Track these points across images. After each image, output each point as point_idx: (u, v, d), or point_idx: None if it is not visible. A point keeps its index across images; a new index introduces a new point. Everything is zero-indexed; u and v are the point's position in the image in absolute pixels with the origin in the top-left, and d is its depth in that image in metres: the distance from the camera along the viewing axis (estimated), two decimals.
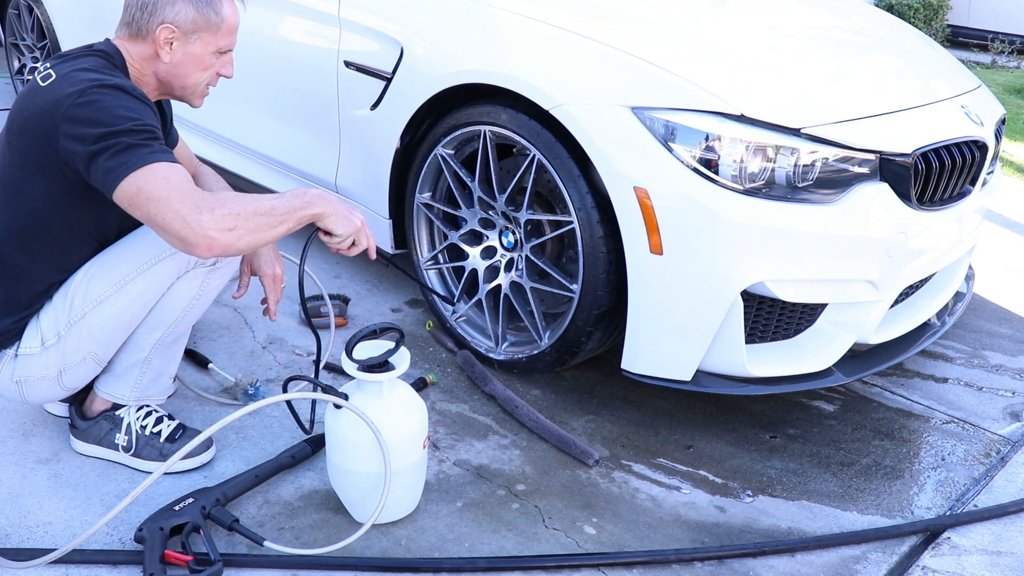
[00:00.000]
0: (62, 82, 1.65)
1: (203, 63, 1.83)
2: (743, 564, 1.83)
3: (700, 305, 1.99)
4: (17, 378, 1.81)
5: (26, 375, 1.81)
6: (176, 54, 1.79)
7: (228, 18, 1.82)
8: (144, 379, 1.94)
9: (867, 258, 2.04)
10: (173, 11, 1.76)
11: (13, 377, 1.81)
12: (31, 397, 1.87)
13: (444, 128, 2.36)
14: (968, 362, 2.72)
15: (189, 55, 1.80)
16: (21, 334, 1.79)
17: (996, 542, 1.93)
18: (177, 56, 1.80)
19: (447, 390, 2.37)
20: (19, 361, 1.79)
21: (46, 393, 1.87)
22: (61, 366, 1.81)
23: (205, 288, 1.88)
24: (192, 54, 1.80)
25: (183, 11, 1.76)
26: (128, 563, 1.69)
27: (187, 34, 1.78)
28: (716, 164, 1.94)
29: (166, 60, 1.79)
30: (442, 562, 1.75)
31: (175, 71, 1.81)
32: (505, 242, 2.38)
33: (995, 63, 8.01)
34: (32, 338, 1.78)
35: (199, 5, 1.77)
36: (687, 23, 2.36)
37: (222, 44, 1.83)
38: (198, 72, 1.83)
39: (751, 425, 2.32)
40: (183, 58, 1.80)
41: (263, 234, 1.62)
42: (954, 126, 2.24)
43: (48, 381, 1.83)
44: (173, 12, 1.76)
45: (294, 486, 1.95)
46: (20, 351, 1.79)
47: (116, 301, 1.78)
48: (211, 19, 1.79)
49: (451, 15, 2.38)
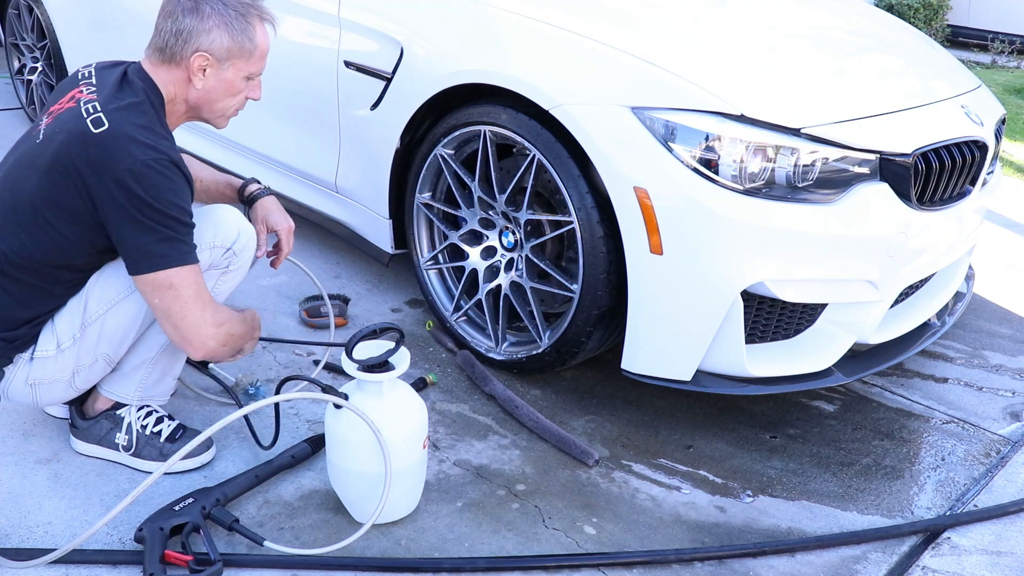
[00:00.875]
0: (118, 139, 1.64)
1: (234, 88, 1.84)
2: (743, 564, 1.83)
3: (700, 305, 1.99)
4: (32, 381, 1.81)
5: (40, 378, 1.81)
6: (209, 80, 1.80)
7: (261, 44, 1.84)
8: (149, 379, 1.94)
9: (867, 258, 2.04)
10: (208, 39, 1.76)
11: (28, 380, 1.81)
12: (43, 399, 1.87)
13: (444, 128, 2.36)
14: (968, 362, 2.72)
15: (221, 81, 1.82)
16: (36, 338, 1.79)
17: (996, 542, 1.93)
18: (210, 83, 1.81)
19: (447, 390, 2.37)
20: (34, 364, 1.79)
21: (58, 395, 1.88)
22: (75, 368, 1.82)
23: (216, 291, 1.89)
24: (224, 80, 1.82)
25: (218, 39, 1.76)
26: (128, 563, 1.69)
27: (221, 61, 1.79)
28: (716, 164, 1.94)
29: (198, 86, 1.80)
30: (442, 562, 1.75)
31: (206, 96, 1.83)
32: (505, 242, 2.38)
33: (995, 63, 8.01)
34: (48, 341, 1.78)
35: (234, 33, 1.78)
36: (687, 23, 2.36)
37: (253, 70, 1.85)
38: (228, 97, 1.85)
39: (751, 425, 2.32)
40: (215, 84, 1.81)
41: (231, 354, 1.88)
42: (954, 126, 2.24)
43: (61, 383, 1.84)
44: (208, 40, 1.76)
45: (294, 486, 1.95)
46: (36, 354, 1.79)
47: (130, 303, 1.79)
48: (245, 46, 1.80)
49: (451, 15, 2.38)
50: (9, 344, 1.76)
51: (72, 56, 3.77)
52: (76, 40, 3.73)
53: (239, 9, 1.78)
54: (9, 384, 1.81)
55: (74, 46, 3.75)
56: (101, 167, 1.63)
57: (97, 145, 1.63)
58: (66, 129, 1.68)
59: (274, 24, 1.88)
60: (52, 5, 3.78)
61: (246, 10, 1.79)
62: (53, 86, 3.97)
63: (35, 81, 4.09)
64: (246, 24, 1.79)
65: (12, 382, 1.80)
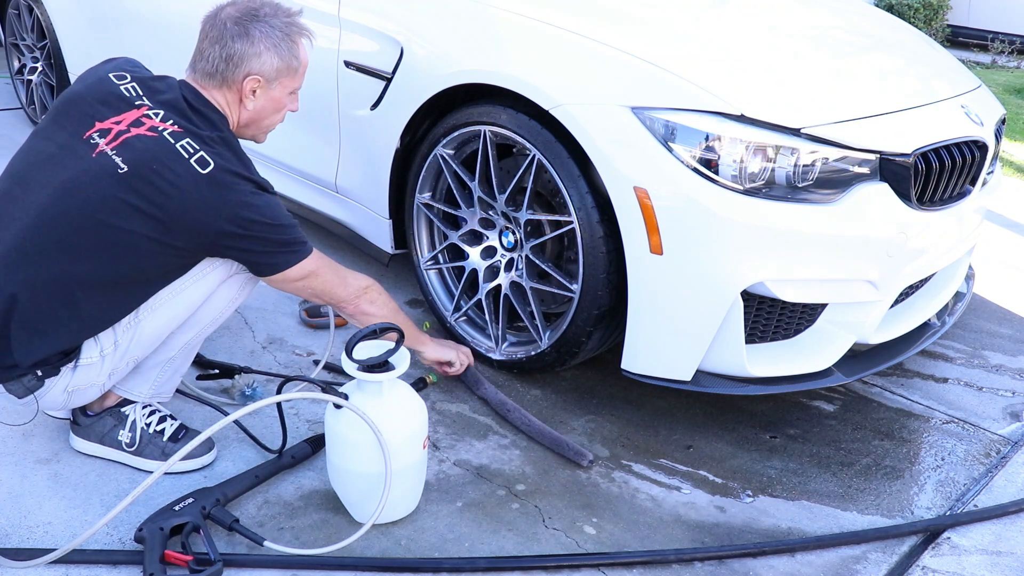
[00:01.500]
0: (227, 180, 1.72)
1: (280, 104, 1.91)
2: (743, 564, 1.83)
3: (700, 305, 1.99)
4: (71, 388, 1.81)
5: (79, 384, 1.81)
6: (259, 100, 1.86)
7: (304, 61, 1.91)
8: (163, 377, 1.96)
9: (867, 258, 2.04)
10: (260, 62, 1.81)
11: (67, 388, 1.80)
12: (73, 404, 1.88)
13: (444, 128, 2.36)
14: (968, 362, 2.72)
15: (270, 100, 1.88)
16: (81, 347, 1.78)
17: (996, 542, 1.93)
18: (259, 103, 1.87)
19: (447, 390, 2.37)
20: (78, 372, 1.79)
21: (87, 399, 1.89)
22: (111, 372, 1.84)
23: (243, 292, 1.93)
24: (272, 98, 1.88)
25: (268, 61, 1.82)
26: (128, 563, 1.69)
27: (270, 81, 1.84)
28: (716, 164, 1.94)
29: (249, 108, 1.86)
30: (442, 562, 1.75)
31: (257, 116, 1.89)
32: (505, 242, 2.38)
33: (995, 63, 8.01)
34: (91, 349, 1.78)
35: (282, 54, 1.83)
36: (687, 23, 2.36)
37: (297, 85, 1.93)
38: (275, 114, 1.92)
39: (751, 425, 2.32)
40: (264, 103, 1.87)
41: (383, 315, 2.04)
42: (954, 126, 2.24)
43: (95, 388, 1.85)
44: (260, 63, 1.81)
45: (294, 486, 1.95)
46: (80, 362, 1.79)
47: (170, 308, 1.82)
48: (292, 64, 1.86)
49: (451, 15, 2.38)
50: (64, 356, 1.76)
51: (72, 56, 3.76)
52: (76, 40, 3.73)
53: (284, 29, 1.84)
54: (47, 392, 1.79)
55: (74, 46, 3.75)
56: (217, 206, 1.70)
57: (209, 186, 1.69)
58: (167, 167, 1.69)
59: (311, 38, 1.93)
60: (52, 5, 3.78)
61: (289, 29, 1.85)
62: (53, 86, 3.97)
63: (35, 81, 4.09)
64: (292, 44, 1.85)
65: (51, 390, 1.79)
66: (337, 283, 1.94)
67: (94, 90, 1.80)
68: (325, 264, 1.92)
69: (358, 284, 1.99)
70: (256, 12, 1.82)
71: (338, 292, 1.95)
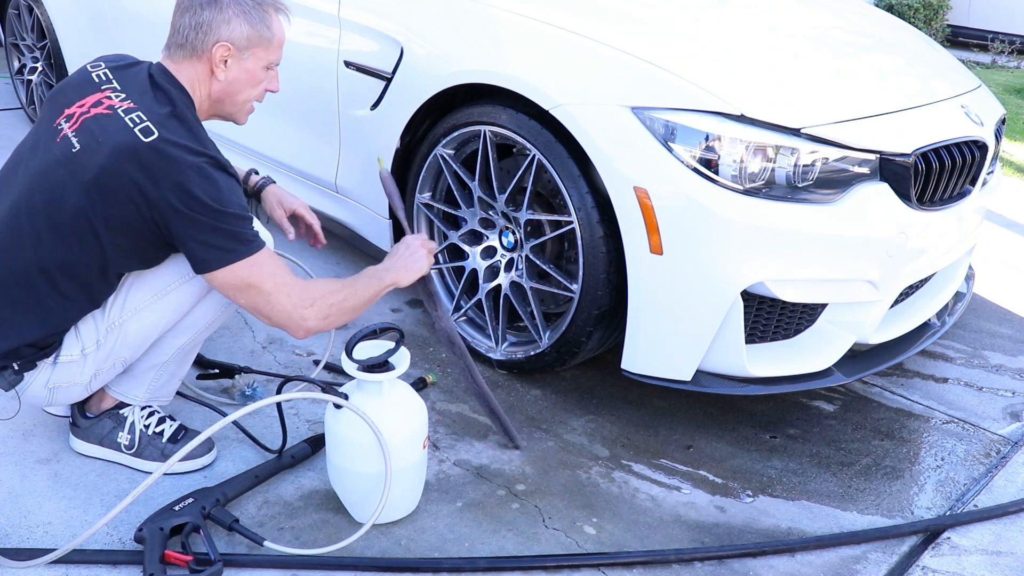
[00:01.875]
0: (170, 151, 1.64)
1: (255, 78, 1.86)
2: (743, 564, 1.83)
3: (700, 305, 1.99)
4: (51, 384, 1.81)
5: (60, 381, 1.81)
6: (231, 71, 1.81)
7: (278, 33, 1.86)
8: (159, 381, 1.95)
9: (867, 258, 2.04)
10: (228, 29, 1.77)
11: (48, 384, 1.80)
12: (57, 400, 1.88)
13: (444, 128, 2.36)
14: (968, 362, 2.72)
15: (243, 71, 1.83)
16: (61, 343, 1.78)
17: (996, 542, 1.93)
18: (232, 73, 1.82)
19: (447, 390, 2.37)
20: (57, 368, 1.79)
21: (73, 397, 1.88)
22: (95, 371, 1.83)
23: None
24: (246, 70, 1.83)
25: (238, 28, 1.78)
26: (128, 563, 1.69)
27: (242, 50, 1.80)
28: (716, 164, 1.94)
29: (221, 78, 1.81)
30: (442, 562, 1.75)
31: (229, 88, 1.84)
32: (505, 242, 2.38)
33: (995, 63, 8.01)
34: (72, 346, 1.78)
35: (253, 21, 1.79)
36: (687, 23, 2.36)
37: (272, 59, 1.87)
38: (249, 88, 1.87)
39: (751, 425, 2.32)
40: (237, 75, 1.83)
41: (347, 316, 1.85)
42: (954, 126, 2.24)
43: (79, 386, 1.84)
44: (228, 30, 1.78)
45: (294, 486, 1.95)
46: (60, 359, 1.78)
47: (154, 310, 1.80)
48: (264, 34, 1.82)
49: (451, 15, 2.38)
50: (39, 351, 1.76)
51: (72, 56, 3.76)
52: (76, 40, 3.73)
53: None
54: (28, 386, 1.80)
55: (74, 46, 3.75)
56: (158, 176, 1.64)
57: (151, 153, 1.64)
58: (112, 142, 1.66)
59: (287, 15, 1.90)
60: (52, 5, 3.78)
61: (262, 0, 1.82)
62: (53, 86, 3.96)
63: (35, 81, 4.09)
64: (263, 12, 1.81)
65: (31, 385, 1.79)
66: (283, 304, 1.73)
67: (72, 80, 1.83)
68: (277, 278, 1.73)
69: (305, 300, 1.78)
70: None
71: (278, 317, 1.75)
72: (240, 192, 1.75)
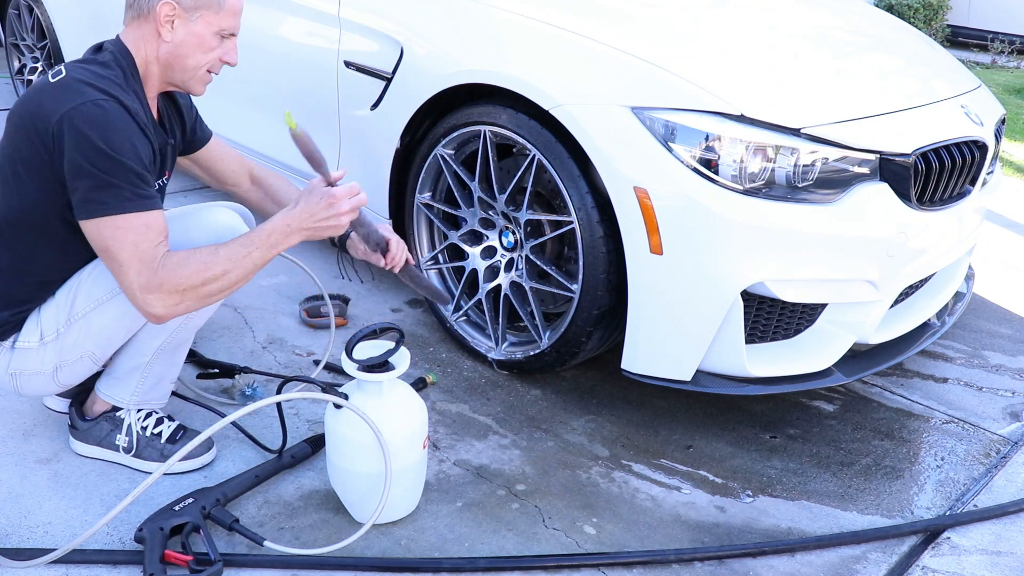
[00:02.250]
0: (73, 84, 1.63)
1: (205, 44, 1.79)
2: (743, 564, 1.83)
3: (700, 305, 1.99)
4: (12, 370, 1.81)
5: (21, 368, 1.80)
6: (178, 33, 1.76)
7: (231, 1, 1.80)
8: (145, 384, 1.94)
9: (867, 258, 2.04)
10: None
11: (8, 369, 1.80)
12: (25, 390, 1.86)
13: (444, 128, 2.36)
14: (968, 362, 2.72)
15: (191, 34, 1.77)
16: (20, 326, 1.78)
17: (996, 542, 1.93)
18: (179, 35, 1.77)
19: (447, 390, 2.37)
20: (15, 353, 1.79)
21: (40, 388, 1.87)
22: (57, 362, 1.81)
23: None
24: (194, 33, 1.77)
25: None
26: (128, 563, 1.69)
27: (188, 11, 1.75)
28: (716, 164, 1.94)
29: (167, 39, 1.76)
30: (442, 562, 1.75)
31: (176, 51, 1.78)
32: (505, 242, 2.38)
33: (995, 63, 8.01)
34: (31, 332, 1.78)
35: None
36: (687, 23, 2.36)
37: (224, 25, 1.80)
38: (199, 54, 1.80)
39: (751, 425, 2.32)
40: (185, 37, 1.77)
41: (217, 297, 1.70)
42: (954, 126, 2.24)
43: (43, 376, 1.82)
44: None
45: (294, 486, 1.95)
46: (18, 344, 1.78)
47: (117, 304, 1.77)
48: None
49: (451, 15, 2.38)
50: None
51: (72, 56, 3.77)
52: (76, 40, 3.73)
53: None
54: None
55: (74, 46, 3.75)
56: (52, 109, 1.60)
57: (51, 91, 1.63)
58: (29, 90, 1.68)
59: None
60: (52, 5, 3.79)
61: None
62: None
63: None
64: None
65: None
66: (128, 281, 1.60)
67: None
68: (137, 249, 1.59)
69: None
70: None
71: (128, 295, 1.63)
72: (139, 140, 1.66)
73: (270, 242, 1.69)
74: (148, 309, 1.64)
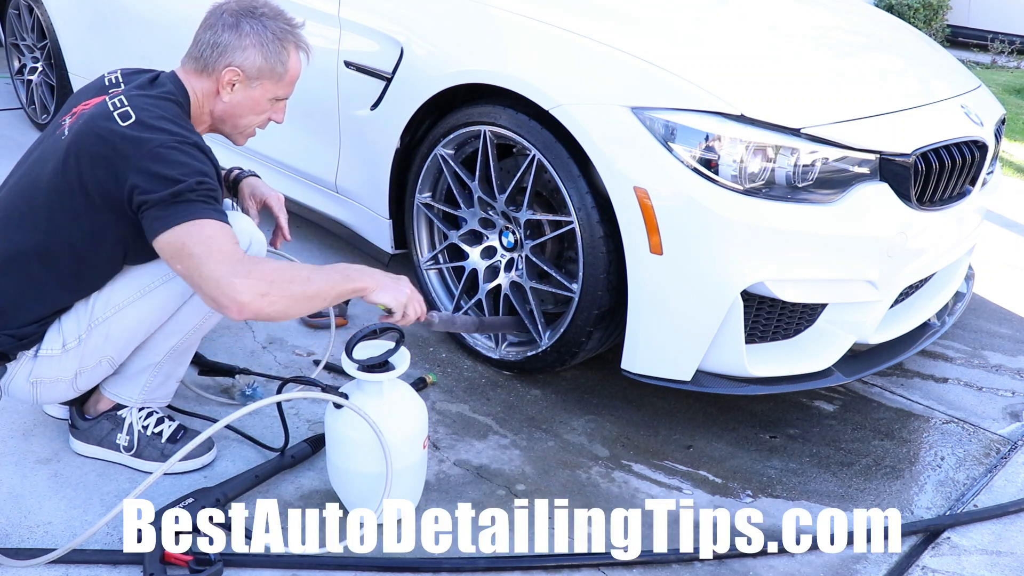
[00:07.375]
0: (143, 128, 1.64)
1: (259, 107, 1.87)
2: (743, 564, 1.83)
3: (700, 305, 1.99)
4: (33, 379, 1.81)
5: (42, 376, 1.81)
6: (236, 95, 1.83)
7: (292, 70, 1.86)
8: (153, 383, 1.94)
9: (867, 258, 2.04)
10: (242, 56, 1.79)
11: (29, 378, 1.80)
12: (43, 398, 1.87)
13: (444, 128, 2.36)
14: (968, 362, 2.72)
15: (248, 98, 1.84)
16: (43, 336, 1.78)
17: (996, 542, 1.93)
18: (236, 97, 1.83)
19: (447, 390, 2.37)
20: (38, 362, 1.79)
21: (58, 394, 1.88)
22: (78, 368, 1.82)
23: None
24: (251, 97, 1.84)
25: (251, 57, 1.80)
26: (128, 563, 1.69)
27: (250, 79, 1.82)
28: (716, 164, 1.94)
29: (225, 100, 1.83)
30: (442, 562, 1.75)
31: (231, 111, 1.85)
32: (505, 242, 2.38)
33: (995, 63, 8.01)
34: (53, 340, 1.78)
35: (267, 54, 1.81)
36: (687, 23, 2.36)
37: (281, 93, 1.88)
38: (252, 115, 1.88)
39: (751, 425, 2.32)
40: (241, 100, 1.84)
41: (297, 305, 1.67)
42: (954, 126, 2.24)
43: (63, 383, 1.84)
44: (242, 57, 1.79)
45: (294, 486, 1.95)
46: (41, 352, 1.78)
47: (139, 307, 1.79)
48: (276, 68, 1.83)
49: (451, 15, 2.38)
50: (18, 342, 1.75)
51: (72, 56, 3.77)
52: (76, 40, 3.73)
53: (277, 33, 1.82)
54: (11, 380, 1.80)
55: (74, 46, 3.75)
56: (129, 156, 1.62)
57: (124, 136, 1.64)
58: (92, 123, 1.67)
59: (308, 53, 1.91)
60: (52, 5, 3.78)
61: (284, 35, 1.83)
62: (53, 86, 3.97)
63: (35, 81, 4.09)
64: (281, 48, 1.83)
65: (14, 378, 1.80)
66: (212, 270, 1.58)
67: (89, 85, 1.87)
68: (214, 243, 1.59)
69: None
70: (254, 10, 1.82)
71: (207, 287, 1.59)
72: (210, 167, 1.69)
73: (334, 277, 1.73)
74: (235, 295, 1.57)
